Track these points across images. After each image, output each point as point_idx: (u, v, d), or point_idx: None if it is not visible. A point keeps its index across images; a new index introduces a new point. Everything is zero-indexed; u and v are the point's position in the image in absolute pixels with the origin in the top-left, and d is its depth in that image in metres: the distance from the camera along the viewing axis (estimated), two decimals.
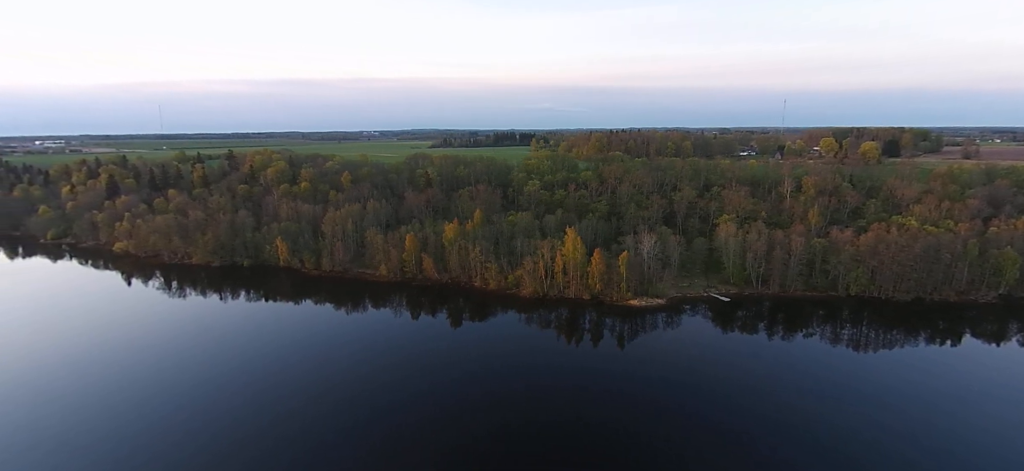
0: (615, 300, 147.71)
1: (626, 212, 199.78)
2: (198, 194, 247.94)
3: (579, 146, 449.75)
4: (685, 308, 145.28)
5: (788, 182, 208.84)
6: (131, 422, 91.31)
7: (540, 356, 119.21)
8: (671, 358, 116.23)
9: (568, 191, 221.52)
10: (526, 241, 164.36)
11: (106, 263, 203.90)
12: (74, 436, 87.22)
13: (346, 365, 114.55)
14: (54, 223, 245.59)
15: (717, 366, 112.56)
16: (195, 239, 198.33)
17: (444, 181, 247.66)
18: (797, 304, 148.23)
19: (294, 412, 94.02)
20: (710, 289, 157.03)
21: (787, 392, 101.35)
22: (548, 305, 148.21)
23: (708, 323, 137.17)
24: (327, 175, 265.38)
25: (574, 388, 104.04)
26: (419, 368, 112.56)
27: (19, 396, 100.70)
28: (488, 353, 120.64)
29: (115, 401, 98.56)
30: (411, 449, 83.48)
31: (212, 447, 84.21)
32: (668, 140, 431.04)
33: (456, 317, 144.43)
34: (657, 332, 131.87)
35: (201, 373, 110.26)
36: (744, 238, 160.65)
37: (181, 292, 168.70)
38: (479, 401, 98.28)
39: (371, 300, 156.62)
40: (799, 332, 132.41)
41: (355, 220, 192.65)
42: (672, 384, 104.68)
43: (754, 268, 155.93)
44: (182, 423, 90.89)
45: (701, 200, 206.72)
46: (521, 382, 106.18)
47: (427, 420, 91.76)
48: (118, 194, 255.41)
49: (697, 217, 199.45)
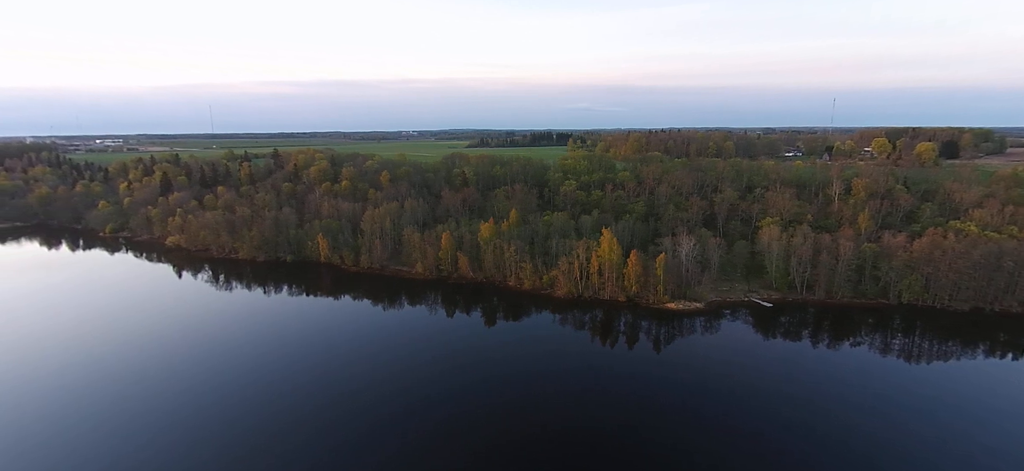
0: (651, 303, 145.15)
1: (664, 213, 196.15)
2: (245, 191, 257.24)
3: (617, 146, 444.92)
4: (725, 313, 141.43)
5: (837, 184, 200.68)
6: (180, 406, 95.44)
7: (574, 357, 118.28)
8: (709, 363, 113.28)
9: (605, 191, 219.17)
10: (561, 241, 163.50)
11: (159, 256, 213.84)
12: (122, 418, 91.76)
13: (381, 360, 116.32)
14: (112, 217, 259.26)
15: (757, 373, 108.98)
16: (242, 235, 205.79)
17: (480, 181, 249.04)
18: (844, 311, 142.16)
19: (329, 403, 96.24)
20: (751, 294, 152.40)
21: (832, 402, 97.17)
22: (583, 306, 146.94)
23: (748, 329, 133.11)
24: (367, 174, 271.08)
25: (608, 390, 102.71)
26: (453, 366, 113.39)
27: (72, 381, 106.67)
28: (521, 352, 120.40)
29: (163, 387, 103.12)
30: (443, 445, 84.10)
31: (251, 434, 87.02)
32: (709, 140, 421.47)
33: (490, 316, 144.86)
34: (695, 337, 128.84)
35: (243, 363, 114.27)
36: (788, 242, 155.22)
37: (228, 285, 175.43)
38: (512, 400, 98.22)
39: (407, 297, 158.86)
40: (846, 341, 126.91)
41: (393, 218, 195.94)
42: (709, 390, 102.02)
43: (798, 273, 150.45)
44: (223, 410, 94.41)
45: (743, 202, 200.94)
46: (555, 382, 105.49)
47: (460, 417, 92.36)
48: (171, 191, 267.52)
49: (738, 219, 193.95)
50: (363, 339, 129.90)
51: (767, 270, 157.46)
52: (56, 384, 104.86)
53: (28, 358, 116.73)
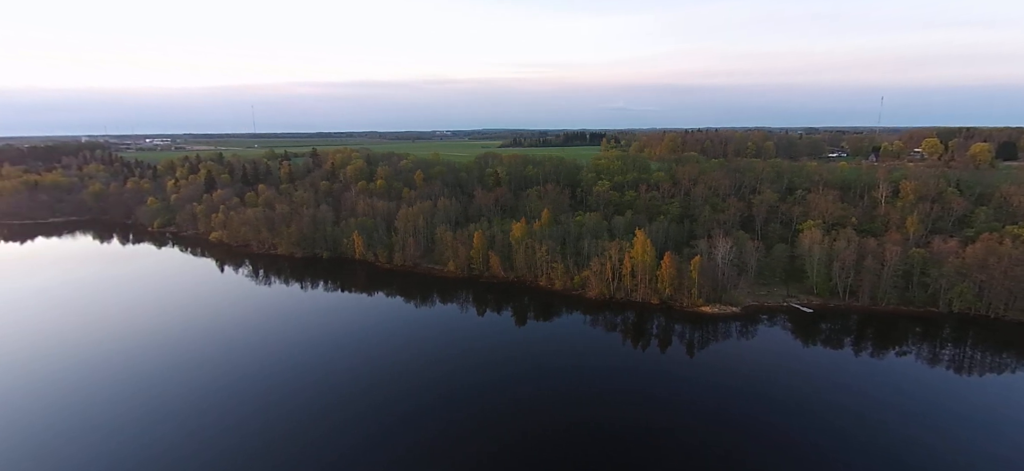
0: (685, 306, 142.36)
1: (700, 215, 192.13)
2: (284, 189, 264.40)
3: (652, 146, 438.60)
4: (762, 318, 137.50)
5: (884, 186, 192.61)
6: (216, 394, 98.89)
7: (605, 357, 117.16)
8: (744, 368, 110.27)
9: (639, 192, 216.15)
10: (594, 242, 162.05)
11: (203, 251, 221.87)
12: (159, 402, 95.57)
13: (412, 354, 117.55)
14: (160, 213, 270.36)
15: (796, 379, 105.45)
16: (280, 231, 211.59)
17: (513, 180, 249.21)
18: (890, 319, 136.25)
19: (360, 394, 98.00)
20: (790, 299, 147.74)
21: (878, 410, 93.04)
22: (614, 308, 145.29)
23: (787, 335, 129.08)
24: (401, 173, 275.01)
25: (639, 391, 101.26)
26: (483, 363, 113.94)
27: (115, 369, 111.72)
28: (552, 352, 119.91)
29: (199, 377, 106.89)
30: (472, 439, 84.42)
31: (283, 421, 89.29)
32: (748, 140, 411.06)
33: (521, 315, 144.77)
34: (730, 341, 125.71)
35: (277, 354, 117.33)
36: (831, 245, 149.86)
37: (267, 280, 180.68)
38: (541, 398, 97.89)
39: (439, 295, 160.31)
40: (891, 349, 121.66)
41: (426, 217, 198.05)
42: (745, 394, 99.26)
43: (841, 278, 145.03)
44: (258, 396, 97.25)
45: (783, 204, 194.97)
46: (585, 382, 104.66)
47: (490, 412, 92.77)
48: (215, 188, 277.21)
49: (778, 222, 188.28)
50: (395, 335, 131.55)
51: (808, 275, 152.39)
52: (100, 370, 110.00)
53: (78, 345, 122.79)
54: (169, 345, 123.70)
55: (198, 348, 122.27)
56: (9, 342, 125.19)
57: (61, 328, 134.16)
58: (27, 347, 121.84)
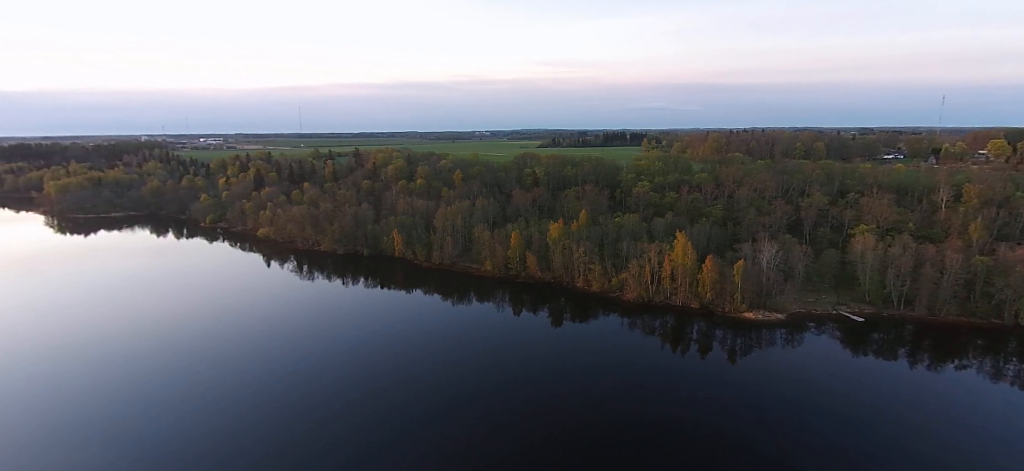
0: (727, 311, 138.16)
1: (744, 218, 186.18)
2: (328, 188, 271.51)
3: (694, 146, 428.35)
4: (809, 326, 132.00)
5: (944, 190, 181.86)
6: (258, 379, 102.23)
7: (642, 360, 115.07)
8: (790, 376, 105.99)
9: (680, 194, 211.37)
10: (632, 244, 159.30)
11: (251, 246, 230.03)
12: (209, 389, 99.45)
13: (447, 350, 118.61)
14: (212, 209, 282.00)
15: (844, 389, 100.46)
16: (324, 228, 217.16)
17: (551, 181, 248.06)
18: (949, 331, 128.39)
19: (397, 384, 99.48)
20: (840, 307, 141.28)
21: (934, 423, 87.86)
22: (653, 311, 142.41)
23: (836, 344, 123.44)
24: (441, 173, 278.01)
25: (678, 396, 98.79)
26: (519, 361, 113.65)
27: (164, 356, 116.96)
28: (588, 352, 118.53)
29: (240, 367, 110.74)
30: (503, 434, 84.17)
31: (321, 409, 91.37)
32: (797, 140, 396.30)
33: (557, 316, 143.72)
34: (775, 349, 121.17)
35: (318, 346, 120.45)
36: (886, 252, 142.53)
37: (310, 276, 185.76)
38: (577, 396, 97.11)
39: (476, 294, 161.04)
40: (949, 363, 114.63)
41: (464, 216, 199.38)
42: (790, 402, 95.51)
43: (896, 286, 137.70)
44: (299, 386, 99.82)
45: (834, 207, 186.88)
46: (622, 383, 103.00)
47: (524, 406, 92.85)
48: (263, 186, 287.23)
49: (828, 226, 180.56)
50: (431, 331, 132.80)
51: (859, 282, 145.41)
52: (153, 355, 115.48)
53: (132, 331, 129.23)
54: (217, 334, 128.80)
55: (243, 338, 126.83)
56: (79, 328, 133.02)
57: (122, 316, 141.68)
58: (93, 333, 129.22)
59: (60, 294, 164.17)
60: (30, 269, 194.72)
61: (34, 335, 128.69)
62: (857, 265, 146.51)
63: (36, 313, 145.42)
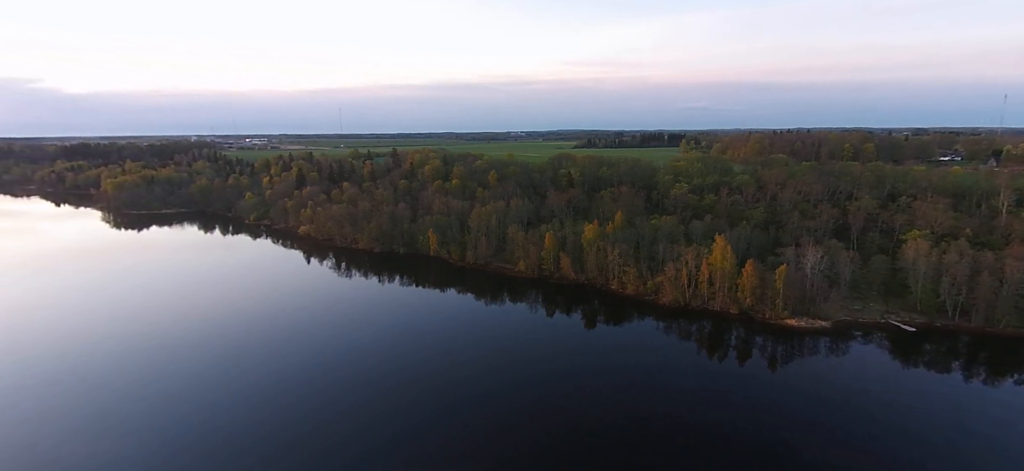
0: (768, 318, 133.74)
1: (787, 221, 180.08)
2: (366, 187, 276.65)
3: (735, 148, 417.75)
4: (855, 334, 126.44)
5: (1006, 194, 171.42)
6: (288, 376, 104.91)
7: (678, 365, 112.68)
8: (835, 385, 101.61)
9: (719, 196, 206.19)
10: (669, 247, 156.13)
11: (292, 243, 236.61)
12: (248, 379, 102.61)
13: (478, 348, 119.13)
14: (256, 207, 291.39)
15: (892, 400, 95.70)
16: (362, 227, 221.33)
17: (586, 182, 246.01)
18: (1009, 343, 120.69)
19: (427, 376, 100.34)
20: (889, 315, 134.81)
21: (994, 438, 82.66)
22: (689, 316, 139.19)
23: (884, 354, 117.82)
24: (476, 173, 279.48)
25: (714, 402, 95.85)
26: (551, 361, 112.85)
27: (216, 344, 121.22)
28: (622, 354, 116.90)
29: (273, 360, 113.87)
30: (533, 431, 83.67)
31: (353, 399, 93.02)
32: (844, 141, 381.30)
33: (590, 318, 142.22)
34: (819, 357, 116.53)
35: (352, 341, 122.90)
36: (940, 258, 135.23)
37: (347, 272, 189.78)
38: (609, 397, 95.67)
39: (509, 294, 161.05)
40: (1009, 376, 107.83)
41: (499, 216, 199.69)
42: (835, 412, 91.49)
43: (951, 295, 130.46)
44: (331, 374, 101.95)
45: (884, 212, 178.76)
46: (656, 387, 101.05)
47: (555, 407, 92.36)
48: (304, 185, 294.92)
49: (877, 231, 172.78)
50: (464, 328, 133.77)
51: (911, 290, 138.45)
52: (183, 346, 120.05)
53: (174, 322, 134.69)
54: (253, 328, 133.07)
55: (282, 331, 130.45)
56: (128, 317, 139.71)
57: (168, 306, 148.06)
58: (142, 323, 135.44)
59: (114, 285, 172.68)
60: (89, 262, 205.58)
61: (91, 323, 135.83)
62: (908, 272, 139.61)
63: (91, 302, 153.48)
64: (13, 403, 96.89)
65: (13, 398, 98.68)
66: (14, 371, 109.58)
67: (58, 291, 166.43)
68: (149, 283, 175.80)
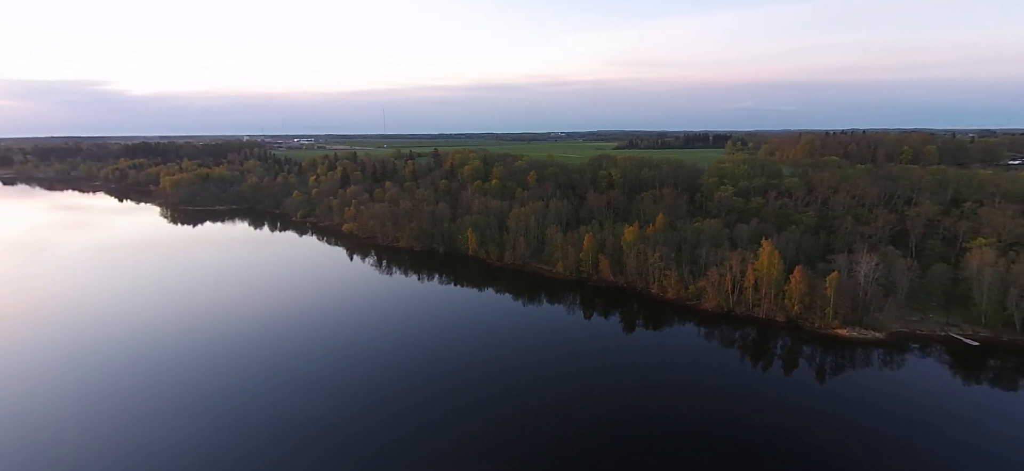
0: (817, 327, 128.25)
1: (840, 227, 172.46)
2: (408, 187, 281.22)
3: (784, 149, 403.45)
4: (912, 347, 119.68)
5: None
6: (346, 362, 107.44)
7: (720, 370, 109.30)
8: (889, 400, 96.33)
9: (767, 199, 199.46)
10: (712, 251, 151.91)
11: (336, 240, 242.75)
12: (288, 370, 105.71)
13: (515, 347, 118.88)
14: (302, 205, 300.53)
15: (954, 416, 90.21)
16: (403, 226, 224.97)
17: (627, 183, 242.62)
18: None
19: (461, 372, 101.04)
20: (950, 328, 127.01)
21: None
22: (732, 322, 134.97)
23: (944, 369, 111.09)
24: (515, 173, 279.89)
25: (758, 411, 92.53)
26: (590, 365, 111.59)
27: (262, 336, 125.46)
28: (661, 360, 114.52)
29: (312, 352, 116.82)
30: (571, 429, 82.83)
31: (396, 393, 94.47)
32: (903, 144, 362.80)
33: (629, 322, 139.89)
34: (871, 370, 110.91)
35: (390, 335, 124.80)
36: (1008, 268, 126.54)
37: (388, 270, 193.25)
38: (647, 407, 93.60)
39: (546, 295, 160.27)
40: None
41: (537, 217, 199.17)
42: (886, 423, 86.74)
43: (1020, 308, 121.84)
44: (375, 369, 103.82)
45: (946, 218, 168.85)
46: (697, 391, 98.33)
47: (589, 407, 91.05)
48: (349, 184, 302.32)
49: (938, 238, 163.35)
50: (501, 327, 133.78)
51: (974, 301, 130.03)
52: (223, 336, 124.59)
53: (219, 312, 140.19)
54: (298, 319, 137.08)
55: (321, 324, 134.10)
56: (183, 307, 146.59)
57: (216, 296, 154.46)
58: (193, 313, 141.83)
59: (170, 277, 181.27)
60: (149, 255, 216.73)
61: (145, 311, 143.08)
62: (972, 283, 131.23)
63: (148, 292, 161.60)
64: (84, 384, 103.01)
65: (84, 381, 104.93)
66: (87, 354, 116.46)
67: (118, 281, 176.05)
68: (200, 276, 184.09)
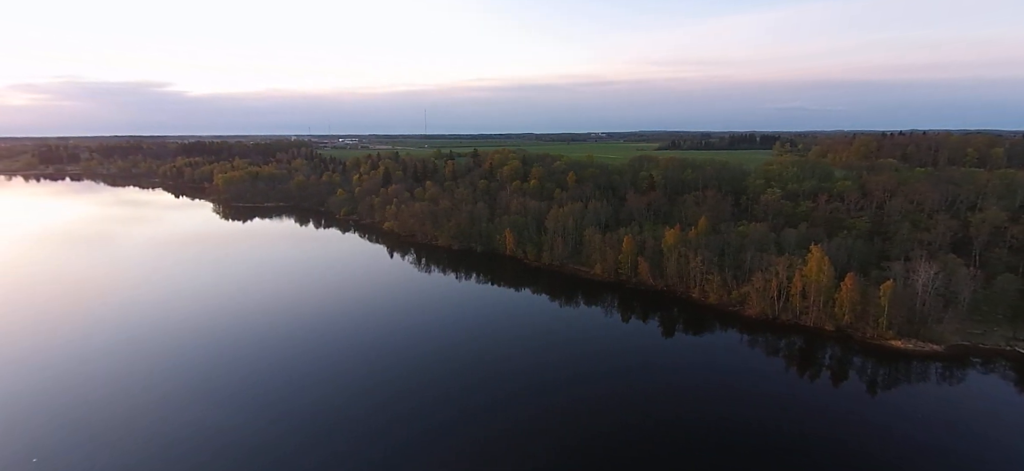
0: (869, 337, 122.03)
1: (896, 233, 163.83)
2: (447, 186, 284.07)
3: (837, 151, 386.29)
4: (973, 362, 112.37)
5: None
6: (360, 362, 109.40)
7: (763, 377, 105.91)
8: (948, 418, 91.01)
9: (817, 203, 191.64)
10: (758, 255, 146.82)
11: (376, 238, 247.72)
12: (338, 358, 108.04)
13: (548, 348, 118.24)
14: (346, 203, 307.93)
15: (1019, 434, 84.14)
16: (441, 224, 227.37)
17: (668, 184, 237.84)
18: None
19: (493, 374, 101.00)
20: (1018, 343, 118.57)
21: None
22: (777, 330, 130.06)
23: (1008, 386, 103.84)
24: (554, 174, 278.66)
25: (803, 418, 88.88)
26: (627, 370, 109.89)
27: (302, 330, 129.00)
28: (701, 364, 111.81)
29: (344, 346, 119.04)
30: (613, 430, 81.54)
31: (426, 390, 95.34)
32: (967, 145, 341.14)
33: (668, 326, 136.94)
34: (928, 385, 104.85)
35: (426, 333, 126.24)
36: None
37: (427, 268, 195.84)
38: (685, 408, 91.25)
39: (583, 296, 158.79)
40: None
41: (576, 218, 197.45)
42: (942, 442, 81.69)
43: None
44: (412, 366, 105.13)
45: (1015, 225, 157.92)
46: (739, 396, 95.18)
47: (632, 408, 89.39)
48: (390, 183, 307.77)
49: (1006, 247, 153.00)
50: (538, 329, 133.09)
51: None
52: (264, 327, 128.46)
53: (256, 305, 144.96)
54: (342, 314, 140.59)
55: (362, 320, 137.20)
56: (231, 296, 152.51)
57: (259, 289, 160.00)
58: (239, 302, 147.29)
59: (222, 269, 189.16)
60: (202, 248, 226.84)
61: (201, 302, 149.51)
62: None
63: (201, 283, 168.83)
64: (140, 366, 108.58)
65: (139, 363, 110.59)
66: (143, 337, 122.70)
67: (174, 272, 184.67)
68: (248, 269, 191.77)
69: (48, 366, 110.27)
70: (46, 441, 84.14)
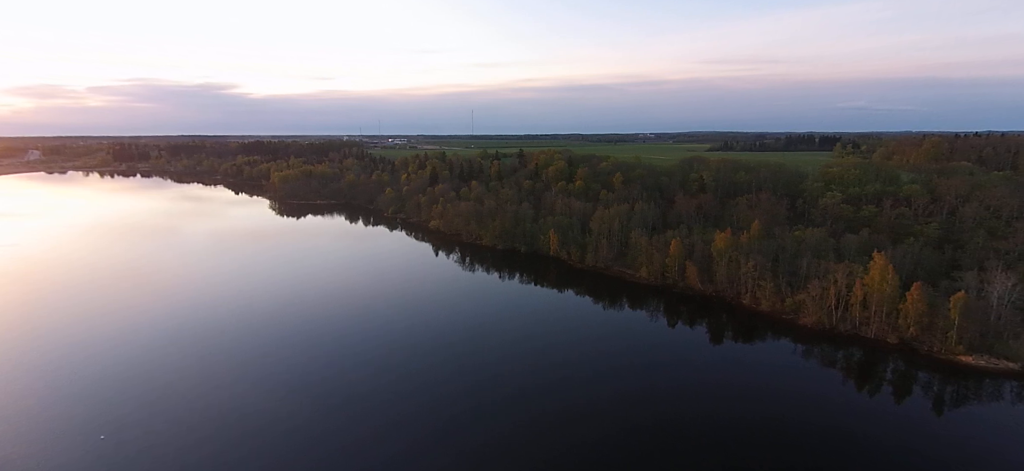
0: (937, 352, 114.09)
1: (970, 241, 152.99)
2: (493, 186, 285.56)
3: (903, 152, 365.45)
4: None
5: None
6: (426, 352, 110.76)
7: (819, 390, 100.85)
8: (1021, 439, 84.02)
9: (881, 208, 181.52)
10: (815, 262, 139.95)
11: (423, 236, 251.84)
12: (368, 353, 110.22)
13: (591, 352, 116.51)
14: (394, 202, 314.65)
15: None
16: (486, 224, 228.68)
17: (720, 187, 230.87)
18: None
19: (531, 376, 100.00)
20: None
21: None
22: (835, 341, 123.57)
23: None
24: (600, 175, 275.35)
25: (862, 440, 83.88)
26: (673, 376, 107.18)
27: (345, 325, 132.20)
28: (752, 372, 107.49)
29: (383, 342, 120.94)
30: (663, 436, 79.55)
31: (465, 393, 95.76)
32: None
33: (717, 333, 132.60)
34: (1002, 405, 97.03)
35: (469, 332, 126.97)
36: None
37: (471, 267, 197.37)
38: (737, 428, 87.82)
39: (628, 300, 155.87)
40: None
41: (622, 220, 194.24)
42: (1016, 467, 75.49)
43: None
44: (451, 365, 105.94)
45: None
46: (796, 421, 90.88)
47: (680, 419, 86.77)
48: (437, 182, 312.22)
49: None
50: (579, 332, 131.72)
51: None
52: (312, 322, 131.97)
53: (319, 298, 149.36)
54: (387, 308, 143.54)
55: (407, 314, 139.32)
56: (285, 285, 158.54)
57: (310, 280, 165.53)
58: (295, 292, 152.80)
59: (277, 262, 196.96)
60: (259, 242, 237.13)
61: (255, 291, 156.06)
62: None
63: (256, 274, 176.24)
64: (199, 351, 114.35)
65: (198, 349, 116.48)
66: (202, 324, 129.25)
67: (230, 263, 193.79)
68: (300, 262, 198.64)
69: (120, 347, 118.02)
70: (112, 416, 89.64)
